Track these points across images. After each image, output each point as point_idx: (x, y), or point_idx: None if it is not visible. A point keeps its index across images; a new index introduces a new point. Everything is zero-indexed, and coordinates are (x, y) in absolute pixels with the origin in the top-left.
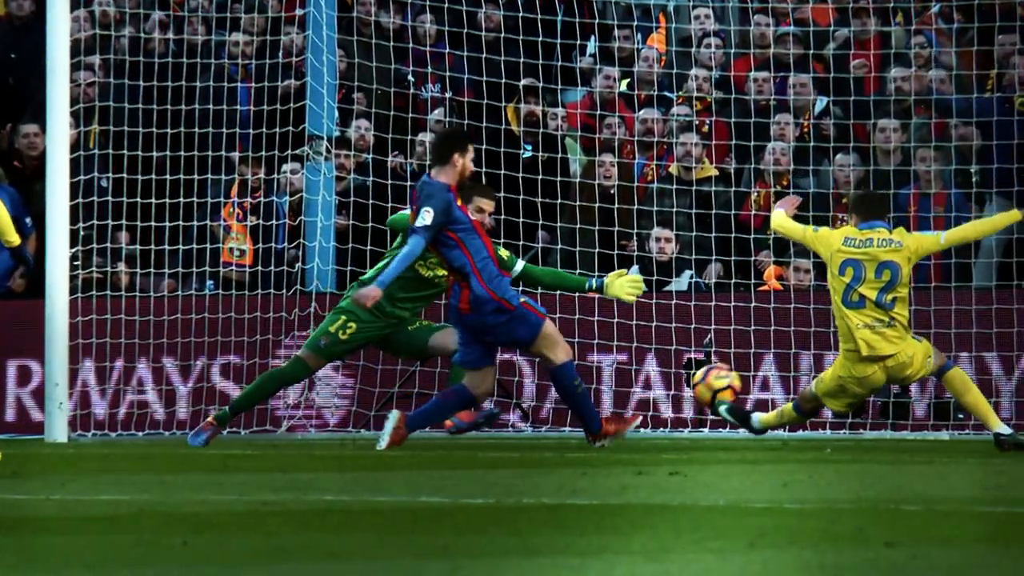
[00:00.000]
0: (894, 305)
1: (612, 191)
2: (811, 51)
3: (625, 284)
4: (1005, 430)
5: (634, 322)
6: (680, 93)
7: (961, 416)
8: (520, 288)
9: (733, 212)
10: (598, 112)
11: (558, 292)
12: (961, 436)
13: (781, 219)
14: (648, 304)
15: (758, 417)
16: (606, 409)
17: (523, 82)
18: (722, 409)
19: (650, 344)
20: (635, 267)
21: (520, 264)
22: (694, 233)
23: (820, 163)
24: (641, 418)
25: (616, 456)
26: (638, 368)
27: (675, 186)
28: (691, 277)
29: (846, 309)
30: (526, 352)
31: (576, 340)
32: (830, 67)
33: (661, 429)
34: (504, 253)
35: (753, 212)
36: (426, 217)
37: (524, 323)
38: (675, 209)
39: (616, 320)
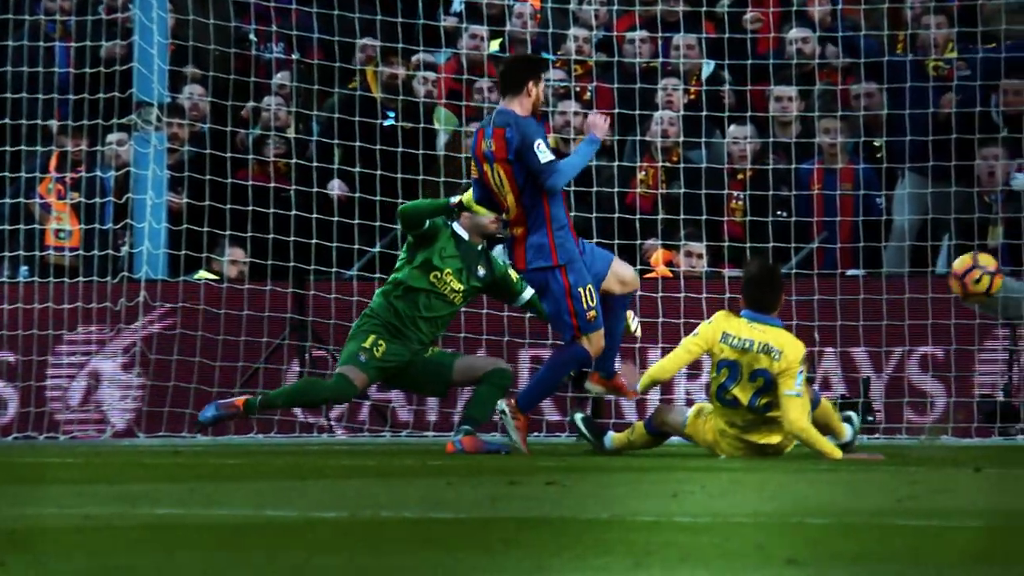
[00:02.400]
0: (769, 408)
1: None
2: (702, 8)
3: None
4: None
5: (504, 314)
6: (558, 56)
7: (871, 419)
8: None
9: (617, 190)
10: (465, 76)
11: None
12: (871, 441)
13: (659, 368)
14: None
15: (611, 436)
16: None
17: (374, 42)
18: (577, 418)
19: (524, 339)
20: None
21: (528, 293)
22: (572, 213)
23: (712, 134)
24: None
25: (485, 464)
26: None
27: None
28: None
29: (717, 403)
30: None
31: (452, 335)
32: (723, 26)
33: (535, 433)
34: (514, 275)
35: (639, 191)
36: (544, 150)
37: (564, 322)
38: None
39: (485, 311)
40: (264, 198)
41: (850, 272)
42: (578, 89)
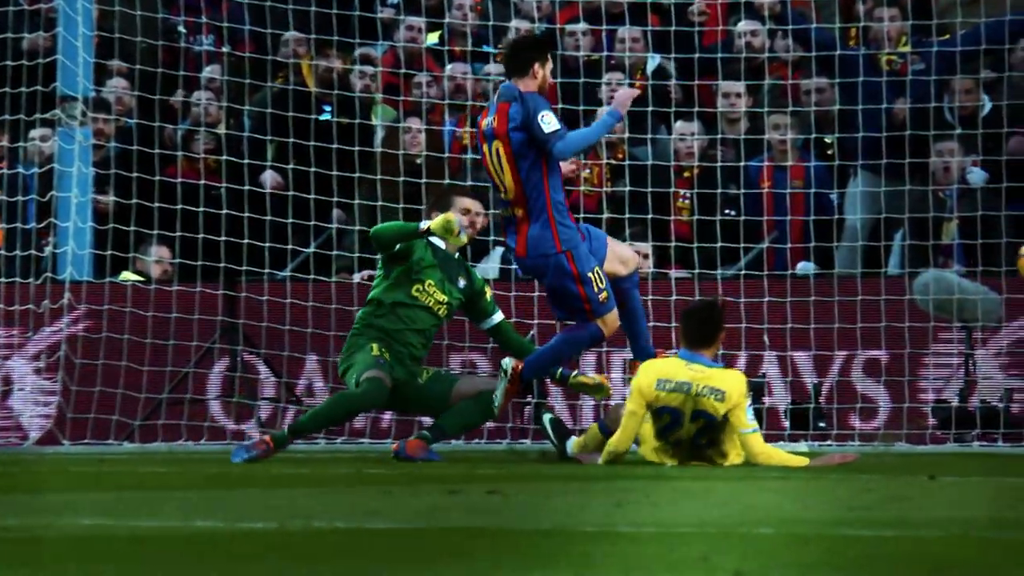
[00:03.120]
0: (713, 444)
1: (418, 162)
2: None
3: None
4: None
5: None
6: (499, 48)
7: (823, 425)
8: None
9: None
10: (403, 70)
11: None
12: (822, 447)
13: (616, 443)
14: None
15: (572, 441)
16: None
17: (302, 36)
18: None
19: (463, 342)
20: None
21: (498, 317)
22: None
23: (658, 131)
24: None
25: (424, 472)
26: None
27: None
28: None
29: (659, 442)
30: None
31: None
32: (669, 18)
33: (476, 440)
34: (488, 294)
35: (583, 189)
36: (550, 120)
37: (577, 308)
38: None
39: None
40: (194, 196)
41: (800, 265)
42: None
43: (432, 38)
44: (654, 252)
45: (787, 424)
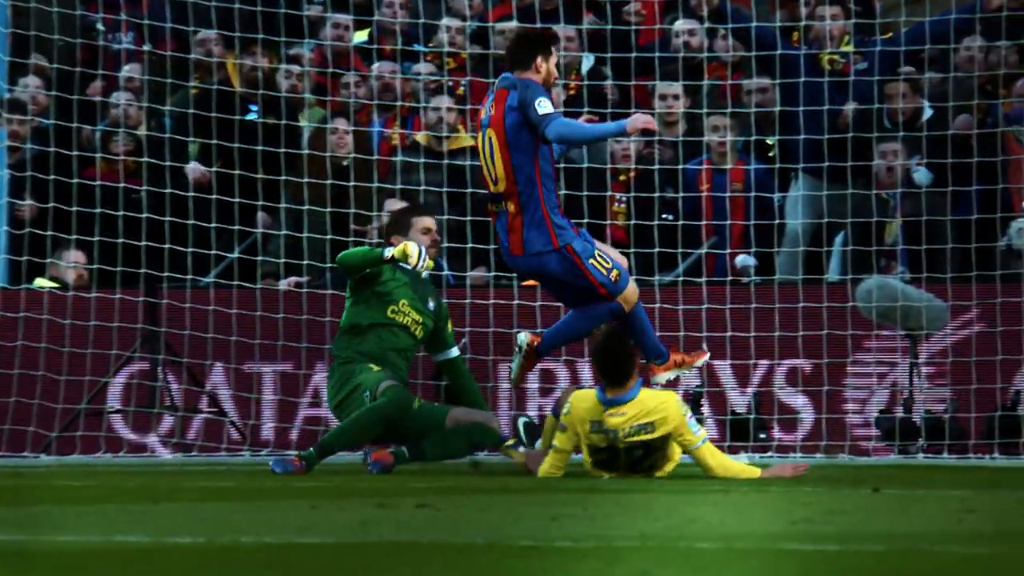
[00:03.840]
0: (655, 467)
1: (345, 164)
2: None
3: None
4: None
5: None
6: (429, 48)
7: (763, 436)
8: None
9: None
10: (330, 69)
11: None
12: (763, 459)
13: (544, 475)
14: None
15: (539, 442)
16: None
17: (218, 35)
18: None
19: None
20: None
21: (455, 352)
22: (445, 217)
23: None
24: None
25: (354, 486)
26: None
27: (423, 159)
28: (444, 270)
29: (596, 469)
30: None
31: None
32: (606, 16)
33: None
34: (450, 327)
35: None
36: (546, 105)
37: (591, 295)
38: (423, 188)
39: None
40: (113, 199)
41: (739, 259)
42: (451, 84)
43: (360, 36)
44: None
45: (727, 435)
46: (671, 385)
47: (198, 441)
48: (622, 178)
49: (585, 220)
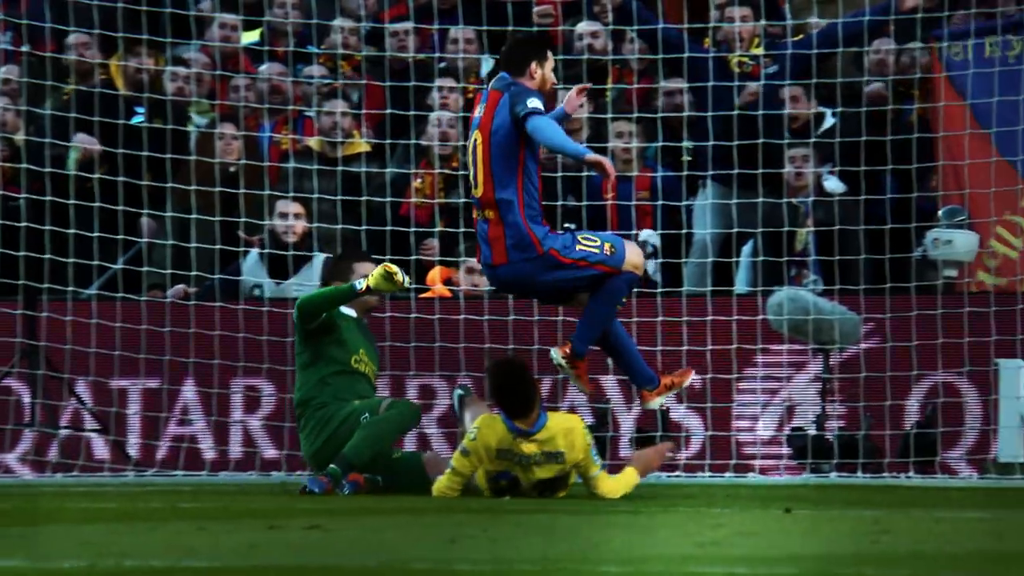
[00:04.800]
0: (556, 489)
1: (232, 170)
2: None
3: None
4: None
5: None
6: (322, 49)
7: (670, 455)
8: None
9: (389, 199)
10: (218, 71)
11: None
12: (671, 479)
13: (439, 494)
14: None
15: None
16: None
17: (88, 37)
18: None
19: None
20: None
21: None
22: (340, 226)
23: None
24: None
25: (242, 507)
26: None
27: (316, 165)
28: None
29: (492, 494)
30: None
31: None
32: (507, 18)
33: (298, 473)
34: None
35: (414, 200)
36: (535, 103)
37: (595, 279)
38: (316, 196)
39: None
40: None
41: (644, 233)
42: (345, 86)
43: (251, 37)
44: None
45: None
46: (661, 407)
47: (79, 461)
48: None
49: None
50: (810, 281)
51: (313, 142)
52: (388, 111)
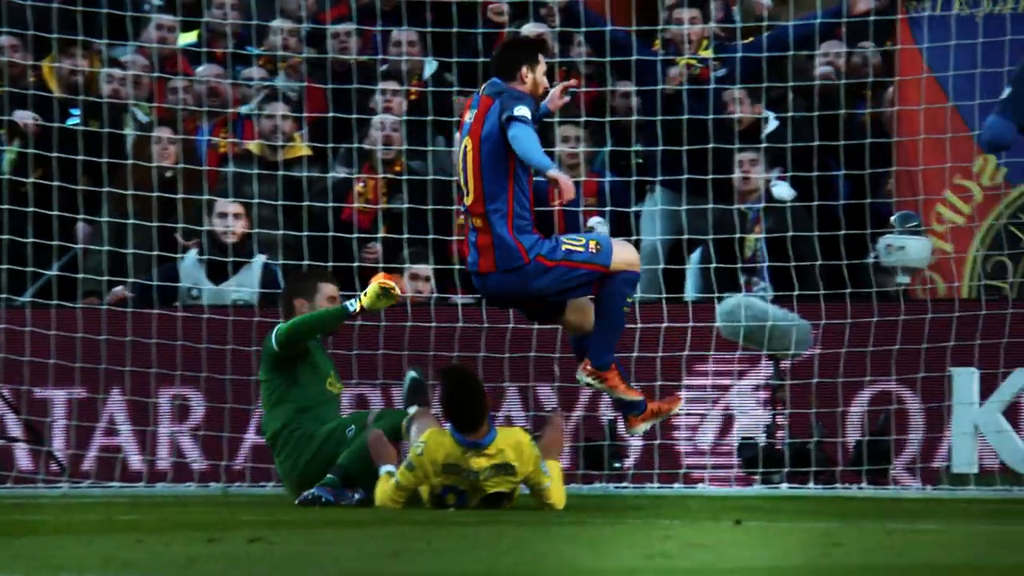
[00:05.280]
0: (502, 502)
1: (168, 175)
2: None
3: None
4: None
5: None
6: (261, 51)
7: (618, 465)
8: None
9: (331, 205)
10: (156, 74)
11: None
12: (619, 489)
13: (388, 492)
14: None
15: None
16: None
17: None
18: None
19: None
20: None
21: (275, 331)
22: (281, 232)
23: (437, 142)
24: (643, 398)
25: (182, 518)
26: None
27: (256, 170)
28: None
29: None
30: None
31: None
32: (451, 19)
33: (238, 484)
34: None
35: (357, 206)
36: (523, 111)
37: (584, 278)
38: (256, 201)
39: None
40: None
41: (592, 220)
42: (287, 88)
43: (189, 37)
44: (435, 274)
45: (580, 464)
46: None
47: (12, 473)
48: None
49: (430, 236)
50: (760, 288)
51: (253, 145)
52: (330, 114)
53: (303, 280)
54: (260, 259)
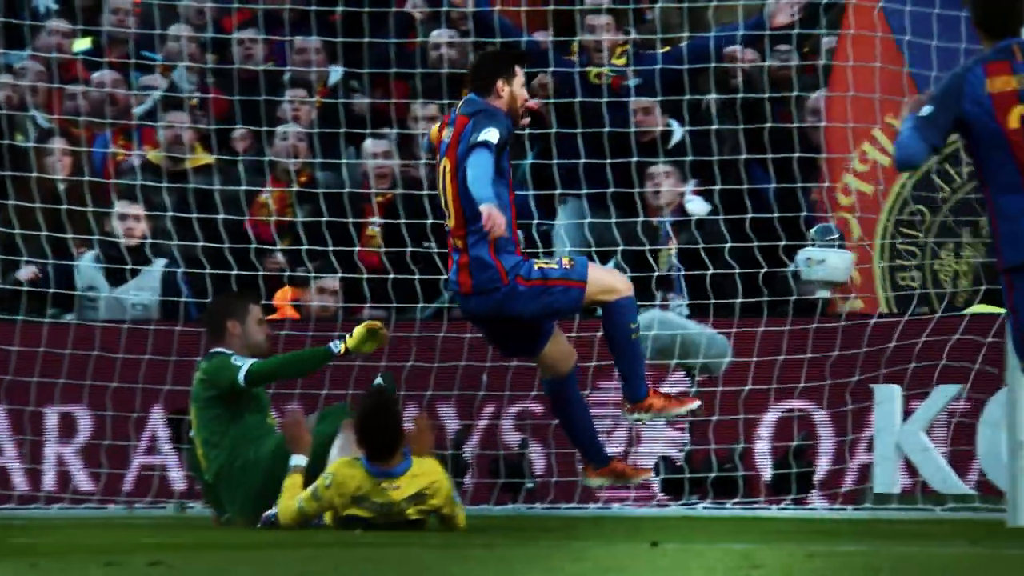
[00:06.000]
0: (419, 525)
1: (63, 187)
2: (313, 7)
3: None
4: None
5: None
6: (160, 60)
7: (531, 485)
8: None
9: (234, 216)
10: (55, 84)
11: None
12: (530, 510)
13: (289, 513)
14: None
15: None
16: None
17: None
18: None
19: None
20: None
21: (246, 367)
22: (178, 242)
23: (347, 153)
24: (699, 403)
25: (79, 541)
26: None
27: (164, 182)
28: (187, 296)
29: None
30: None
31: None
32: (362, 27)
33: (137, 505)
34: (239, 361)
35: (263, 218)
36: (491, 135)
37: (559, 296)
38: (155, 213)
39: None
40: None
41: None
42: (189, 97)
43: (83, 44)
44: (342, 287)
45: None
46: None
47: None
48: (378, 200)
49: (330, 247)
50: (675, 304)
51: (153, 155)
52: (238, 126)
53: (234, 300)
54: (160, 263)
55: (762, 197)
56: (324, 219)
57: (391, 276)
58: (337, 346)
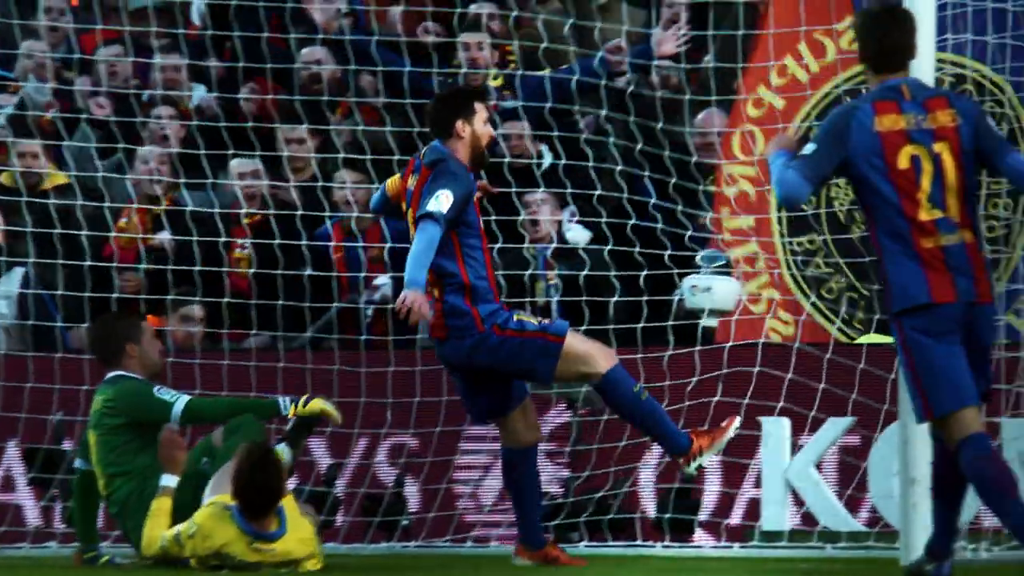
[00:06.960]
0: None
1: None
2: (178, 31)
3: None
4: None
5: None
6: (12, 76)
7: (406, 523)
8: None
9: (90, 232)
10: None
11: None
12: (405, 549)
13: (152, 546)
14: None
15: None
16: None
17: None
18: None
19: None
20: None
21: (180, 404)
22: (31, 259)
23: (217, 174)
24: (740, 418)
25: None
26: None
27: (25, 198)
28: (59, 320)
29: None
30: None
31: None
32: (211, 50)
33: (50, 543)
34: (168, 395)
35: (123, 236)
36: (443, 201)
37: (535, 350)
38: (20, 229)
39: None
40: None
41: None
42: (40, 116)
43: None
44: (207, 314)
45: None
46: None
47: None
48: (246, 222)
49: (196, 267)
50: None
51: (4, 177)
52: (107, 145)
53: (126, 321)
54: (19, 270)
55: (650, 214)
56: (193, 238)
57: (255, 302)
58: (287, 408)
